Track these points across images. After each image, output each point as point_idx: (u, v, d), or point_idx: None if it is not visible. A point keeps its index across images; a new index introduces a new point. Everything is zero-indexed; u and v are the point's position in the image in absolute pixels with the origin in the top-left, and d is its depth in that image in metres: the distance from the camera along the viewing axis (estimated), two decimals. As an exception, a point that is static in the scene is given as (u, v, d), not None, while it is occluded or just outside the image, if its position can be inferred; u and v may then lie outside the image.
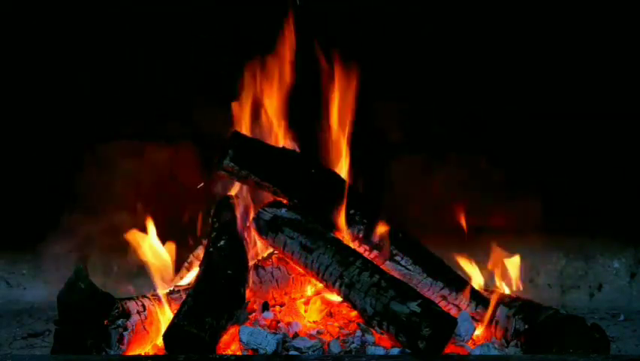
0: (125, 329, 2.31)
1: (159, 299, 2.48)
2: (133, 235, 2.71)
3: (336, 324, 2.52)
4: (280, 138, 2.87)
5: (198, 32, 3.42)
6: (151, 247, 2.72)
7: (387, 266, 2.65)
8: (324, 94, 2.93)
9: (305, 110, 2.93)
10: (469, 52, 3.43)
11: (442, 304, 2.60)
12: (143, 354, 2.38)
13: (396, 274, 2.57)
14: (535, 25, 3.40)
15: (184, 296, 2.42)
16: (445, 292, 2.65)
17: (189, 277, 2.80)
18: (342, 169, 2.86)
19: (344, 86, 2.92)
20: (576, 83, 3.44)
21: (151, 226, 2.76)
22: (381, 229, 2.67)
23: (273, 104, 2.90)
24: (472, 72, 3.44)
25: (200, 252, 2.79)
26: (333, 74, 2.93)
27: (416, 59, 3.44)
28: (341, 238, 2.64)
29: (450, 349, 2.37)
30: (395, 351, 2.33)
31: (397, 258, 2.68)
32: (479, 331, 2.60)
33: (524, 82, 3.45)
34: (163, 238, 2.79)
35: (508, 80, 3.44)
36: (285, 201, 2.73)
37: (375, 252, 2.69)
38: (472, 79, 3.44)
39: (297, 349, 2.33)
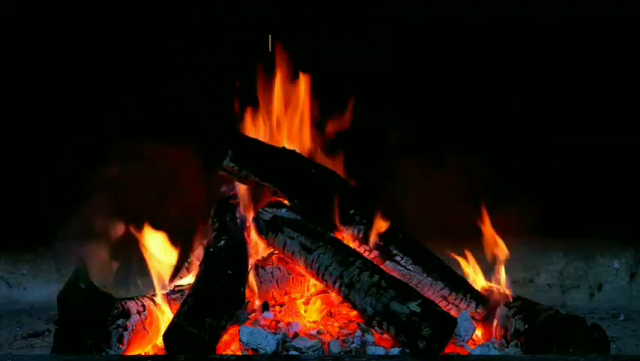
0: (125, 329, 2.31)
1: (159, 299, 2.48)
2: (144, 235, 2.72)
3: (336, 324, 2.52)
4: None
5: (199, 33, 3.42)
6: (156, 247, 2.72)
7: (387, 266, 2.66)
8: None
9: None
10: (469, 55, 3.43)
11: (442, 304, 2.60)
12: (143, 354, 2.38)
13: (396, 274, 2.57)
14: (532, 31, 3.40)
15: (184, 296, 2.42)
16: (445, 292, 2.66)
17: (189, 277, 2.80)
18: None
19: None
20: (575, 84, 3.44)
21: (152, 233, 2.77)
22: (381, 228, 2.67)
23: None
24: (472, 75, 3.44)
25: (200, 252, 2.79)
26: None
27: (417, 62, 3.44)
28: (341, 238, 2.64)
29: (450, 349, 2.37)
30: (395, 351, 2.33)
31: (397, 258, 2.68)
32: (479, 331, 2.60)
33: (523, 83, 3.45)
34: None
35: (507, 82, 3.44)
36: (285, 201, 2.73)
37: (375, 252, 2.69)
38: (471, 82, 3.44)
39: (297, 349, 2.33)
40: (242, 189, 2.84)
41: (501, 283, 2.70)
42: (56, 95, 3.48)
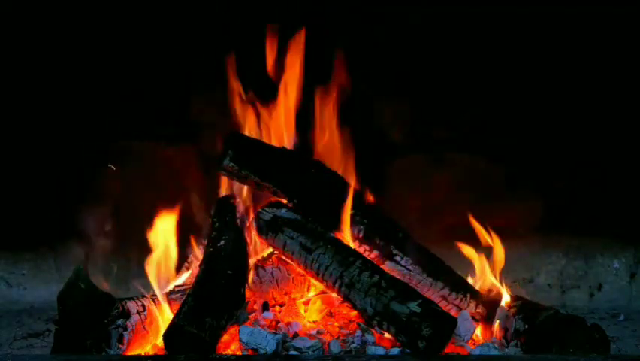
0: (125, 329, 2.31)
1: (159, 299, 2.48)
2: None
3: (336, 324, 2.51)
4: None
5: (198, 32, 3.42)
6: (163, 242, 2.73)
7: (387, 266, 2.66)
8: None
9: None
10: (470, 52, 3.43)
11: (442, 304, 2.60)
12: (143, 354, 2.38)
13: (396, 274, 2.57)
14: (534, 25, 3.40)
15: (184, 296, 2.42)
16: (445, 292, 2.65)
17: (189, 277, 2.80)
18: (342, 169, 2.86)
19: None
20: (575, 83, 3.44)
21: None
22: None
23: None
24: (473, 73, 3.44)
25: (200, 252, 2.79)
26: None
27: (417, 60, 3.44)
28: (341, 238, 2.64)
29: (450, 349, 2.37)
30: (395, 351, 2.33)
31: (397, 258, 2.68)
32: (479, 331, 2.60)
33: (524, 82, 3.45)
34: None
35: (508, 80, 3.44)
36: (284, 201, 2.73)
37: (375, 252, 2.69)
38: (472, 79, 3.45)
39: (297, 349, 2.33)
40: (242, 189, 2.84)
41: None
42: (57, 96, 3.49)
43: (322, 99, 2.94)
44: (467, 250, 2.79)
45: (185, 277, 2.81)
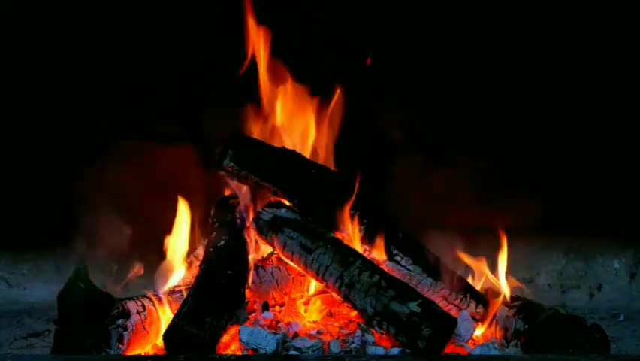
0: (125, 329, 2.31)
1: (159, 299, 2.48)
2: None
3: (336, 324, 2.52)
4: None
5: (199, 32, 3.42)
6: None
7: (387, 266, 2.66)
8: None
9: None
10: (469, 52, 3.43)
11: (442, 304, 2.60)
12: (143, 354, 2.38)
13: (396, 274, 2.57)
14: (532, 24, 3.40)
15: (184, 296, 2.42)
16: (445, 292, 2.66)
17: (189, 277, 2.79)
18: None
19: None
20: (575, 83, 3.44)
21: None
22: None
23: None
24: (472, 72, 3.44)
25: (200, 252, 2.79)
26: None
27: (417, 60, 3.44)
28: (341, 238, 2.64)
29: (450, 349, 2.38)
30: (395, 351, 2.33)
31: (397, 258, 2.68)
32: (479, 331, 2.60)
33: (523, 82, 3.45)
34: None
35: (508, 80, 3.44)
36: (284, 201, 2.73)
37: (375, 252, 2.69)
38: (471, 79, 3.44)
39: (297, 349, 2.33)
40: (242, 189, 2.84)
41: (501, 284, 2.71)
42: (56, 96, 3.48)
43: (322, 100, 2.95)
44: (466, 258, 2.80)
45: (185, 277, 2.81)
